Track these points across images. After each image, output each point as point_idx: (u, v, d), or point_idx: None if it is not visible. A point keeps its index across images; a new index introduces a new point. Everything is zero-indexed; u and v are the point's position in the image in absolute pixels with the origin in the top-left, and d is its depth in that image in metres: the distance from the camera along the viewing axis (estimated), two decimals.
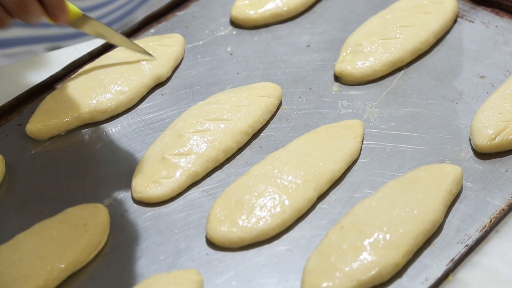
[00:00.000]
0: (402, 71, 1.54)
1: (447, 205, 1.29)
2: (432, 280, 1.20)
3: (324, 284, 1.18)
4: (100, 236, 1.28)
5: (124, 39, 1.53)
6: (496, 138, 1.36)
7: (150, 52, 1.54)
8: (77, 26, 1.43)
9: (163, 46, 1.59)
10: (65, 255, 1.24)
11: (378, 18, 1.61)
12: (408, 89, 1.50)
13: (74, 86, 1.51)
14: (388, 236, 1.22)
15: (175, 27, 1.69)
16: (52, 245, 1.25)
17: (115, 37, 1.52)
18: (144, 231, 1.31)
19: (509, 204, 1.29)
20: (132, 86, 1.51)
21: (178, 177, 1.36)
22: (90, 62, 1.57)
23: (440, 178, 1.30)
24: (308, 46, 1.61)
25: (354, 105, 1.48)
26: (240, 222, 1.27)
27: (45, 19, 1.33)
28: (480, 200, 1.30)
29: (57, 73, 1.56)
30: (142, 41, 1.61)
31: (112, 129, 1.48)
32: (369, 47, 1.54)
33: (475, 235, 1.25)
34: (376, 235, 1.22)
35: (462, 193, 1.32)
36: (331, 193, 1.34)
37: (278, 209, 1.28)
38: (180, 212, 1.34)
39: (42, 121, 1.46)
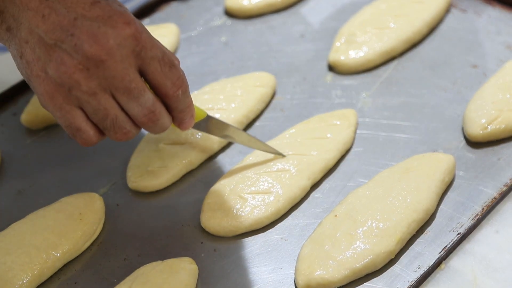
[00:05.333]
0: (396, 61, 1.55)
1: (440, 193, 1.29)
2: (424, 268, 1.21)
3: (318, 272, 1.19)
4: (95, 225, 1.29)
5: (252, 138, 1.35)
6: (489, 127, 1.36)
7: None
8: (201, 128, 1.31)
9: (157, 36, 1.59)
10: (61, 243, 1.25)
11: (372, 8, 1.61)
12: (401, 79, 1.51)
13: None
14: (381, 225, 1.23)
15: (170, 17, 1.69)
16: (48, 234, 1.25)
17: (241, 136, 1.35)
18: (139, 220, 1.32)
19: (501, 192, 1.29)
20: None
21: (173, 166, 1.36)
22: None
23: (433, 167, 1.30)
24: (302, 36, 1.62)
25: (347, 95, 1.49)
26: (234, 211, 1.28)
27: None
28: (473, 189, 1.31)
29: None
30: None
31: None
32: (363, 37, 1.55)
33: (467, 223, 1.26)
34: (369, 223, 1.23)
35: (454, 182, 1.32)
36: (324, 182, 1.34)
37: (272, 198, 1.29)
38: (175, 201, 1.34)
39: (37, 111, 1.46)
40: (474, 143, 1.38)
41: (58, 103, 1.12)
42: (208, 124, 1.31)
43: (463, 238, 1.25)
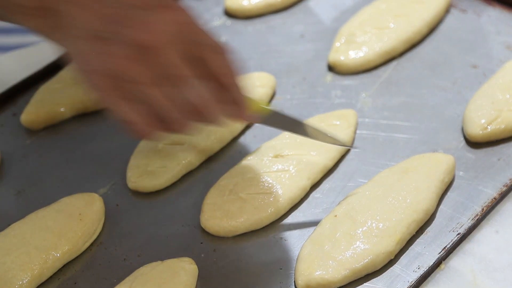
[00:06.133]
0: (396, 61, 1.55)
1: (440, 194, 1.29)
2: (424, 268, 1.21)
3: (318, 273, 1.19)
4: (95, 225, 1.29)
5: (318, 131, 1.30)
6: (489, 127, 1.36)
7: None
8: (263, 122, 1.25)
9: None
10: (60, 244, 1.25)
11: (371, 8, 1.61)
12: (401, 79, 1.51)
13: (69, 76, 1.51)
14: (381, 225, 1.23)
15: None
16: (47, 234, 1.25)
17: (307, 130, 1.29)
18: (139, 220, 1.32)
19: (501, 192, 1.29)
20: None
21: (173, 167, 1.36)
22: None
23: (432, 167, 1.31)
24: (302, 36, 1.62)
25: (347, 95, 1.49)
26: (234, 211, 1.28)
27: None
28: (472, 189, 1.31)
29: (52, 63, 1.57)
30: None
31: (107, 118, 1.48)
32: (363, 37, 1.55)
33: (467, 223, 1.26)
34: (369, 223, 1.23)
35: (454, 182, 1.32)
36: (324, 182, 1.34)
37: (271, 198, 1.29)
38: (174, 202, 1.34)
39: (37, 111, 1.47)
40: (474, 143, 1.38)
41: (111, 96, 1.10)
42: (271, 118, 1.25)
43: (463, 238, 1.25)
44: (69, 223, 1.27)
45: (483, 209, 1.28)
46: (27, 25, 1.14)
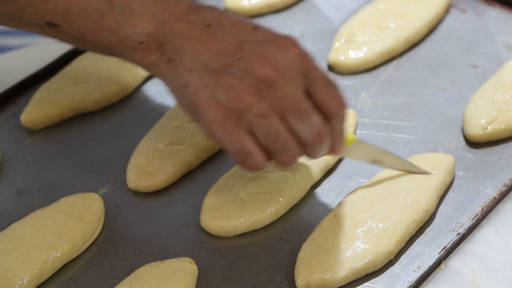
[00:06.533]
0: (395, 61, 1.55)
1: (440, 194, 1.29)
2: (424, 268, 1.21)
3: (318, 273, 1.19)
4: (95, 225, 1.29)
5: (403, 161, 1.30)
6: (488, 127, 1.36)
7: None
8: (349, 154, 1.28)
9: None
10: (60, 244, 1.25)
11: (371, 8, 1.61)
12: (401, 79, 1.51)
13: (69, 76, 1.51)
14: (381, 225, 1.23)
15: None
16: (47, 234, 1.25)
17: (392, 160, 1.30)
18: (139, 220, 1.32)
19: (501, 192, 1.29)
20: (126, 76, 1.52)
21: (173, 166, 1.36)
22: (85, 52, 1.57)
23: (433, 167, 1.31)
24: (302, 36, 1.62)
25: (347, 95, 1.46)
26: (234, 211, 1.28)
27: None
28: (472, 189, 1.31)
29: (52, 63, 1.56)
30: None
31: (107, 118, 1.48)
32: (363, 37, 1.55)
33: (467, 223, 1.26)
34: (369, 223, 1.23)
35: (454, 182, 1.32)
36: (324, 182, 1.34)
37: (271, 199, 1.29)
38: (174, 201, 1.34)
39: (37, 111, 1.46)
40: (474, 143, 1.38)
41: (229, 129, 1.12)
42: (356, 149, 1.29)
43: (462, 238, 1.25)
44: (69, 223, 1.27)
45: (483, 209, 1.28)
46: (134, 58, 1.16)
